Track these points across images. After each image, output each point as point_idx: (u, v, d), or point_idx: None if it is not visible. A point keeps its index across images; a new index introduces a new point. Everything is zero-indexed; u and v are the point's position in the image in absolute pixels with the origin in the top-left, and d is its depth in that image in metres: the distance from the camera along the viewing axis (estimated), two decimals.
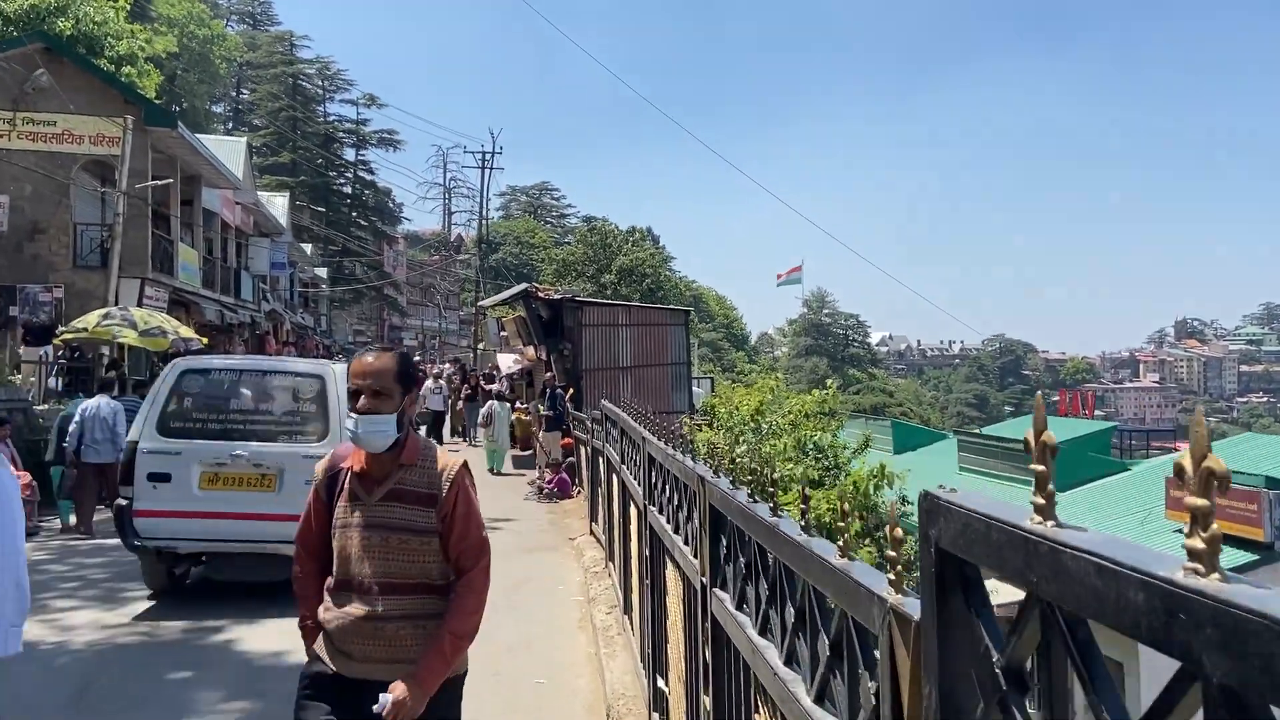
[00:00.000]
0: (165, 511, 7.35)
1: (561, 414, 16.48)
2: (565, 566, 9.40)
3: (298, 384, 7.95)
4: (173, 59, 55.92)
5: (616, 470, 6.51)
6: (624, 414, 5.88)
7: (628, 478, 5.56)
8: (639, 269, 45.02)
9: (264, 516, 7.26)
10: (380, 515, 2.85)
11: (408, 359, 3.01)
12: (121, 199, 19.71)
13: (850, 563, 1.57)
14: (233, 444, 7.44)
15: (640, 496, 4.75)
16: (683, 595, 3.38)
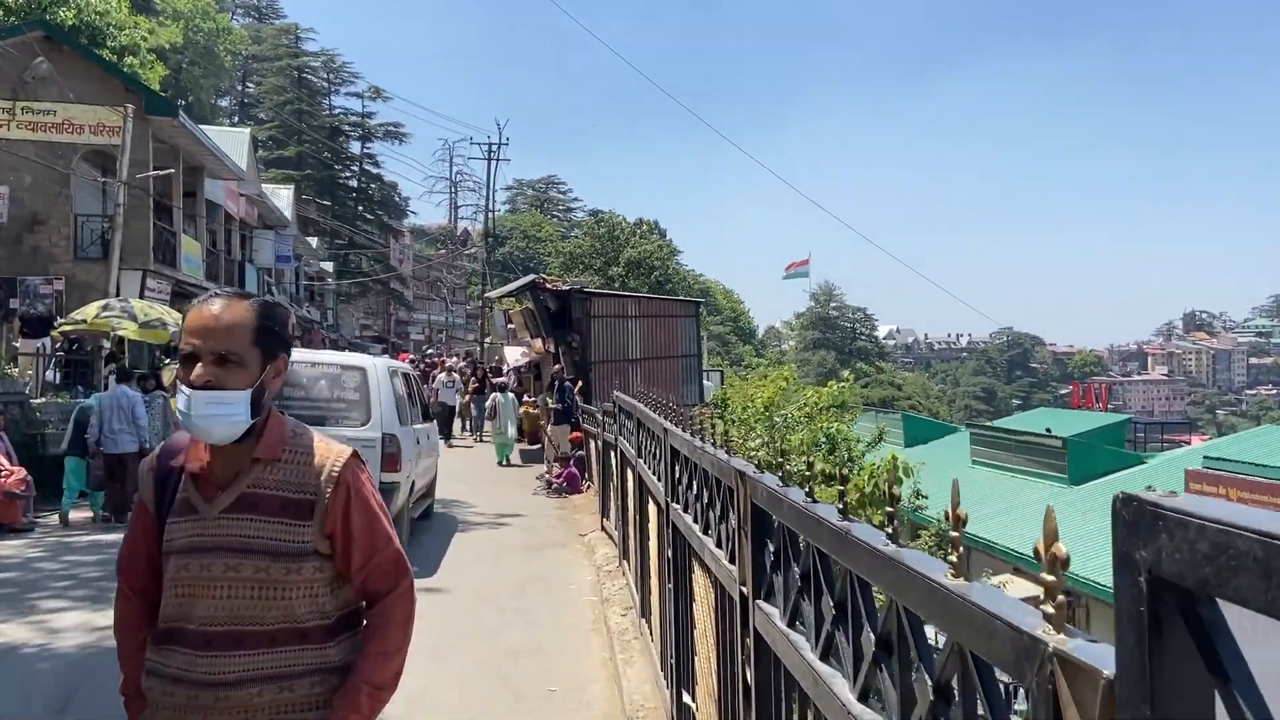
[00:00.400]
0: None
1: (570, 407, 16.13)
2: (576, 564, 9.05)
3: (341, 374, 8.93)
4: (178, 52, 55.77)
5: (632, 464, 6.15)
6: (641, 405, 5.52)
7: (645, 472, 5.20)
8: (647, 261, 44.61)
9: None
10: (226, 532, 1.99)
11: (273, 310, 2.08)
12: (122, 189, 19.40)
13: (969, 585, 1.21)
14: None
15: (661, 493, 4.39)
16: (715, 604, 3.02)
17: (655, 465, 4.77)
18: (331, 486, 2.04)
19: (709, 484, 3.14)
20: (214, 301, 2.01)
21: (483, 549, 9.72)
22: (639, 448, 5.66)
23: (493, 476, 16.37)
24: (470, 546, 9.85)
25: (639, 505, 5.74)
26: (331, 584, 2.06)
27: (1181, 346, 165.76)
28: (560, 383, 16.63)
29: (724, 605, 2.84)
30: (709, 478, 3.13)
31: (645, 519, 5.45)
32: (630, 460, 6.39)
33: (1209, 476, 18.64)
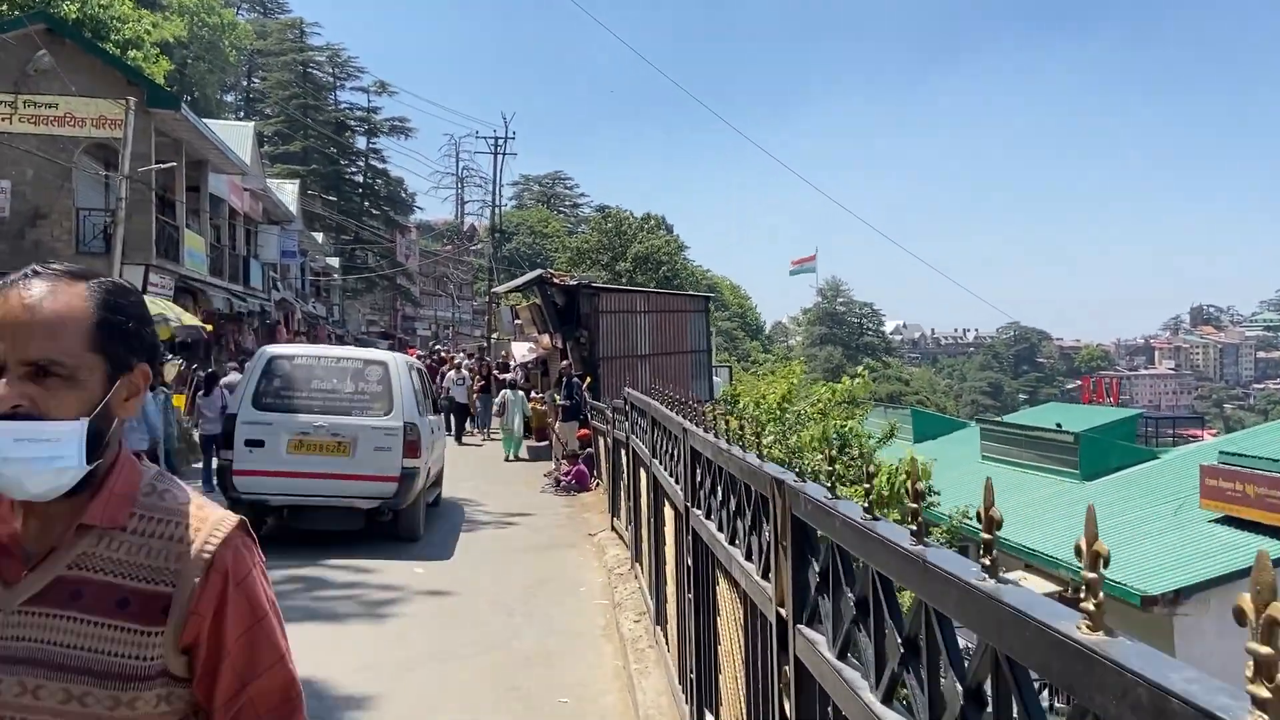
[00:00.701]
0: (259, 471, 8.92)
1: (579, 403, 15.89)
2: (586, 566, 8.81)
3: (364, 368, 9.60)
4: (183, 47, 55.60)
5: (646, 465, 5.90)
6: (656, 402, 5.27)
7: (661, 474, 4.95)
8: (654, 256, 44.33)
9: (341, 476, 8.92)
10: (27, 636, 1.28)
11: (124, 299, 1.38)
12: (124, 183, 19.19)
13: (1115, 641, 0.94)
14: (314, 417, 9.07)
15: (680, 497, 4.14)
16: (744, 622, 2.76)
17: (673, 467, 4.52)
18: (201, 573, 1.32)
19: (737, 490, 2.89)
20: (30, 285, 1.28)
21: (490, 549, 9.49)
22: (654, 447, 5.41)
23: (501, 475, 16.13)
24: (477, 546, 9.62)
25: (654, 507, 5.49)
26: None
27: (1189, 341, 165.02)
28: (568, 379, 16.39)
29: (756, 625, 2.58)
30: (737, 484, 2.87)
31: (661, 522, 5.20)
32: (644, 460, 6.15)
33: (1225, 472, 18.34)
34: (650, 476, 5.60)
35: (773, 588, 2.33)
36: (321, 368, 9.62)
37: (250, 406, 9.12)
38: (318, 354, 10.37)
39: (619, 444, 9.66)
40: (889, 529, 1.59)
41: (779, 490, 2.26)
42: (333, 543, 8.94)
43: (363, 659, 5.78)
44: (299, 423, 9.03)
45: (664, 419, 4.83)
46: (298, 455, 8.96)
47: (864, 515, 1.68)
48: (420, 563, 8.66)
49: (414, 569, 8.38)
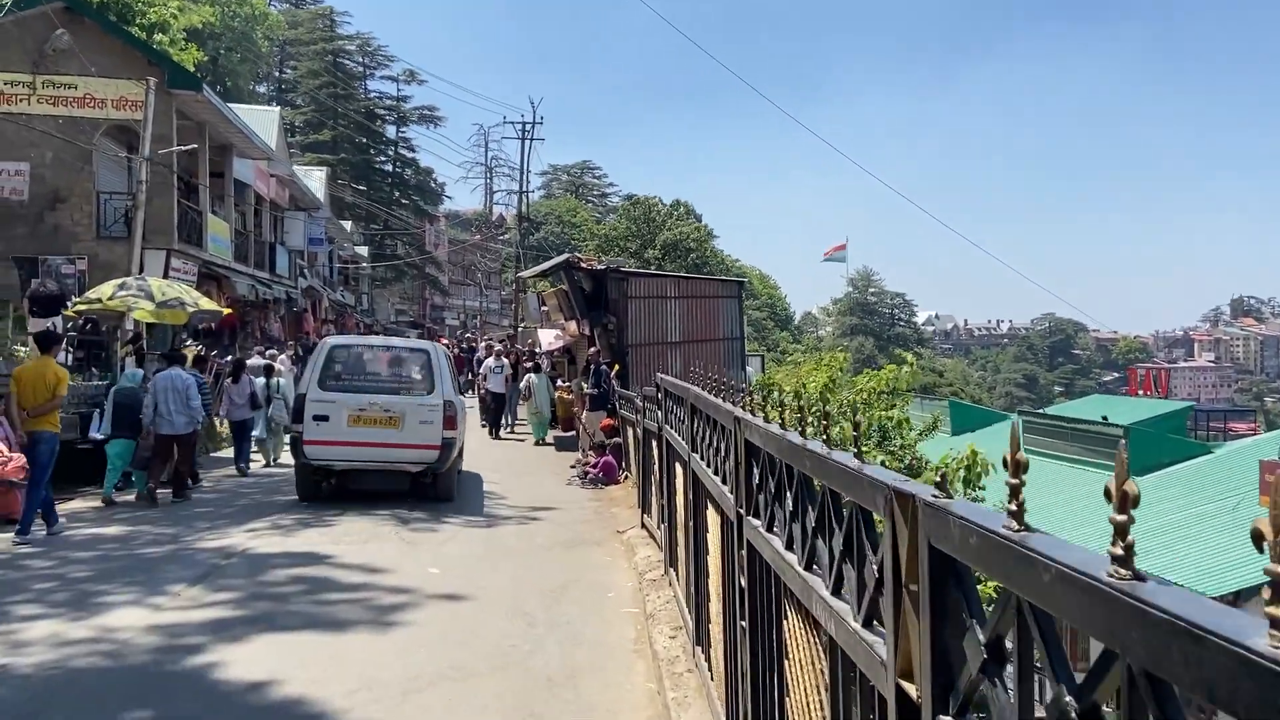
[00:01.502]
0: (325, 441, 10.57)
1: (606, 392, 15.19)
2: (614, 567, 8.11)
3: (411, 355, 11.55)
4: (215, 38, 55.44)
5: (683, 459, 5.18)
6: (697, 388, 4.55)
7: (704, 471, 4.23)
8: (683, 243, 43.48)
9: (392, 445, 10.64)
10: None
11: None
12: (144, 165, 18.69)
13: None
14: (369, 396, 10.80)
15: (729, 502, 3.42)
16: (832, 683, 2.04)
17: (719, 463, 3.80)
18: None
19: (819, 501, 2.16)
20: None
21: (513, 546, 8.82)
22: (693, 440, 4.69)
23: (525, 466, 15.48)
24: (499, 543, 8.96)
25: (693, 508, 4.77)
26: None
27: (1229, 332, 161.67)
28: (596, 367, 15.69)
29: (856, 694, 1.86)
30: (820, 492, 2.15)
31: (701, 526, 4.49)
32: (680, 454, 5.44)
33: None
34: (689, 473, 4.88)
35: (888, 648, 1.61)
36: (373, 355, 11.58)
37: (317, 388, 10.82)
38: (370, 343, 12.33)
39: (650, 435, 8.95)
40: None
41: (902, 507, 1.54)
42: (381, 500, 10.76)
43: (363, 677, 5.12)
44: (357, 401, 10.76)
45: (709, 407, 4.10)
46: (356, 428, 10.66)
47: (1123, 573, 0.95)
48: (435, 563, 8.02)
49: (428, 569, 7.72)
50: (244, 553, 8.22)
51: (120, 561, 7.95)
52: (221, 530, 9.26)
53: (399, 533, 9.20)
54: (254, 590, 6.94)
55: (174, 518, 10.18)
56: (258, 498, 11.58)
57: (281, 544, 8.55)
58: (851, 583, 1.88)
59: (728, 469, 3.54)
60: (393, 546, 8.58)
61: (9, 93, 19.77)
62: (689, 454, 4.84)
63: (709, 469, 4.08)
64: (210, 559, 7.97)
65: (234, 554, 8.16)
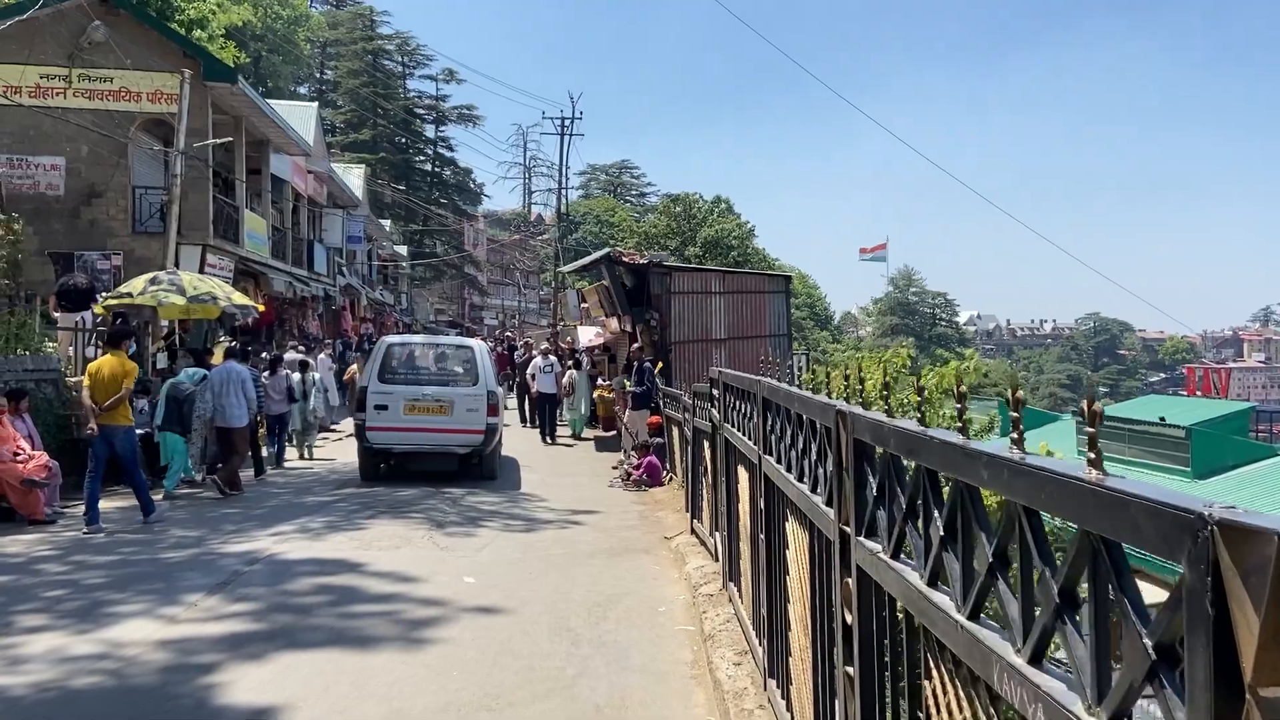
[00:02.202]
0: (385, 427, 11.98)
1: (650, 390, 14.59)
2: (664, 578, 7.49)
3: (458, 352, 13.19)
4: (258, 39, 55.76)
5: (751, 461, 4.55)
6: (772, 380, 3.92)
7: (781, 477, 3.60)
8: (724, 241, 42.72)
9: (442, 430, 12.06)
10: None
11: None
12: (179, 159, 18.38)
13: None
14: (422, 388, 12.26)
15: (826, 515, 2.78)
16: None
17: (807, 468, 3.17)
18: None
19: (1012, 531, 1.53)
20: None
21: (553, 554, 8.23)
22: (765, 440, 4.06)
23: (566, 466, 14.92)
24: (538, 551, 8.38)
25: (763, 519, 4.14)
26: None
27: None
28: (639, 364, 15.09)
29: None
30: (1012, 517, 1.52)
31: (778, 540, 3.85)
32: (744, 455, 4.81)
33: None
34: (758, 477, 4.24)
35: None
36: (425, 351, 13.16)
37: (377, 381, 12.23)
38: (422, 341, 14.23)
39: (701, 435, 8.32)
40: None
41: (1212, 538, 0.90)
42: (432, 479, 12.15)
43: (391, 706, 4.54)
44: (412, 392, 12.22)
45: (791, 401, 3.46)
46: (412, 415, 12.09)
47: None
48: (471, 571, 7.45)
49: (463, 578, 7.16)
50: (269, 558, 7.72)
51: (139, 567, 7.48)
52: (248, 534, 8.78)
53: (433, 538, 8.65)
54: (276, 600, 6.41)
55: (201, 519, 9.73)
56: (288, 498, 11.12)
57: (308, 549, 8.04)
58: (1083, 657, 1.24)
59: (822, 475, 2.90)
60: (426, 553, 8.03)
61: (45, 86, 19.58)
62: (758, 456, 4.21)
63: (790, 474, 3.45)
64: (233, 565, 7.47)
65: (258, 560, 7.65)
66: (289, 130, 25.34)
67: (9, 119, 19.03)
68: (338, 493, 11.49)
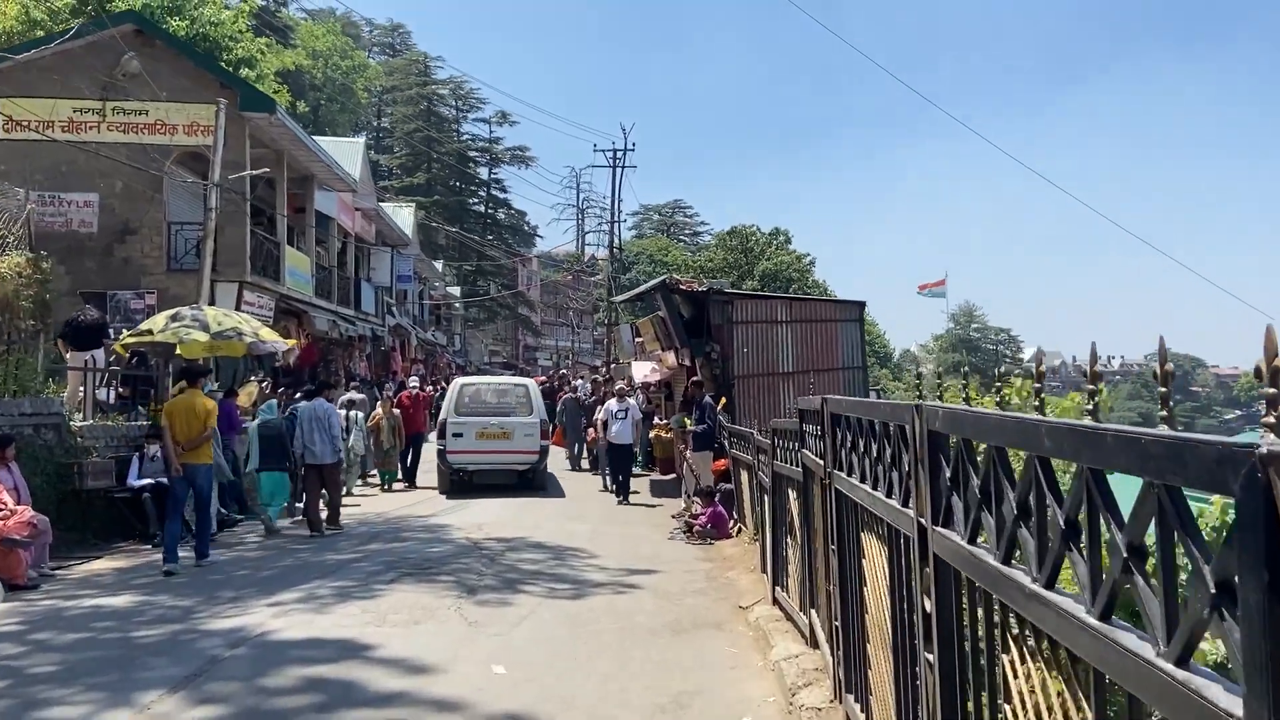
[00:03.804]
0: (461, 451, 14.76)
1: (713, 429, 13.07)
2: (745, 666, 5.93)
3: (515, 389, 16.19)
4: (317, 90, 56.23)
5: (893, 529, 3.04)
6: (956, 407, 2.43)
7: (975, 561, 2.08)
8: (783, 273, 41.17)
9: (506, 452, 14.84)
10: None
11: None
12: (214, 191, 17.49)
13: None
14: (489, 419, 14.99)
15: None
16: None
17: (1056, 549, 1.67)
18: None
19: None
20: None
21: (605, 630, 6.72)
22: (935, 499, 2.55)
23: (619, 514, 13.43)
24: (587, 625, 6.87)
25: (935, 626, 2.61)
26: None
27: None
28: (699, 400, 13.59)
29: None
30: None
31: (966, 663, 2.32)
32: (877, 519, 3.30)
33: None
34: (910, 555, 2.73)
35: None
36: (490, 389, 16.25)
37: (454, 414, 15.02)
38: (487, 381, 17.62)
39: (785, 481, 6.80)
40: None
41: None
42: (497, 491, 14.67)
43: None
44: (482, 422, 14.93)
45: (1024, 436, 1.96)
46: (481, 440, 14.79)
47: None
48: (502, 657, 5.97)
49: (492, 668, 5.68)
50: (258, 638, 6.32)
51: (102, 649, 6.15)
52: (244, 603, 7.41)
53: (461, 609, 7.19)
54: (249, 703, 5.00)
55: (200, 583, 8.41)
56: (305, 556, 9.78)
57: (309, 625, 6.63)
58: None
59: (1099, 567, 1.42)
60: (450, 629, 6.58)
61: (78, 120, 18.92)
62: (915, 524, 2.69)
63: (1029, 570, 1.94)
64: (213, 648, 6.09)
65: (245, 640, 6.27)
66: (333, 165, 24.54)
67: (41, 154, 18.34)
68: (362, 549, 10.12)
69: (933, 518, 2.46)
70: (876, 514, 3.27)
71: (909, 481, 2.78)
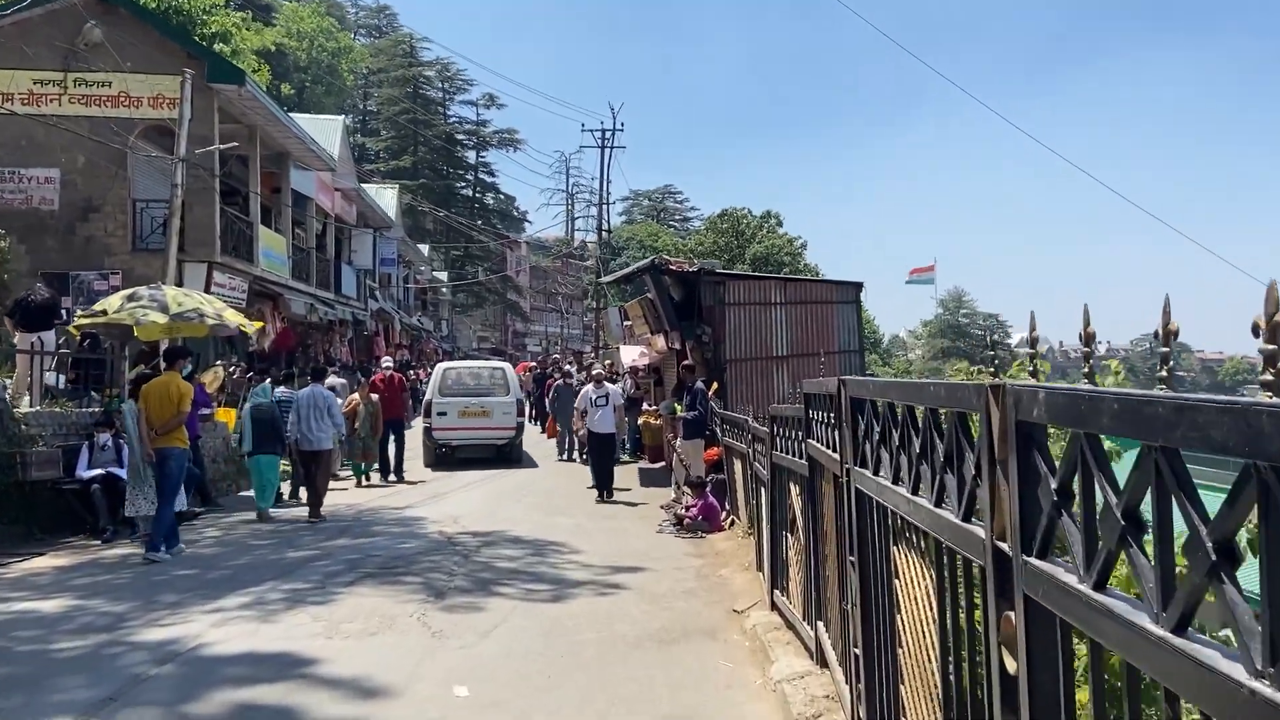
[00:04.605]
0: (445, 428, 16.37)
1: (704, 416, 12.36)
2: (742, 685, 5.21)
3: (493, 372, 17.85)
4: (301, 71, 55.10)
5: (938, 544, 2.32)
6: (1071, 389, 1.73)
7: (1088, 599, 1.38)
8: (775, 257, 40.40)
9: (485, 428, 16.48)
10: None
11: None
12: (180, 167, 16.64)
13: None
14: (470, 399, 16.48)
15: None
16: None
17: None
18: None
19: None
20: None
21: (585, 641, 6.01)
22: (1029, 529, 1.84)
23: (603, 506, 12.71)
24: (565, 634, 6.16)
25: (1031, 696, 1.91)
26: None
27: None
28: (691, 385, 12.87)
29: None
30: None
31: None
32: (916, 529, 2.60)
33: None
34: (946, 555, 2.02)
35: None
36: (470, 372, 17.81)
37: (439, 394, 16.40)
38: (468, 365, 19.33)
39: (785, 474, 6.09)
40: None
41: None
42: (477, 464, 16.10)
43: None
44: (463, 401, 16.37)
45: None
46: (463, 418, 16.33)
47: None
48: (466, 674, 5.24)
49: (453, 690, 4.97)
50: (191, 652, 5.59)
51: (13, 665, 5.42)
52: (184, 609, 6.67)
53: (425, 616, 6.46)
54: None
55: (141, 585, 7.66)
56: (263, 553, 9.04)
57: (251, 637, 5.90)
58: None
59: None
60: (411, 642, 5.86)
61: (39, 93, 18.02)
62: (989, 548, 1.98)
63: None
64: (137, 665, 5.36)
65: (176, 655, 5.53)
66: (310, 142, 23.63)
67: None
68: (326, 545, 9.38)
69: (1024, 544, 1.74)
70: (917, 525, 2.56)
71: (974, 489, 2.06)
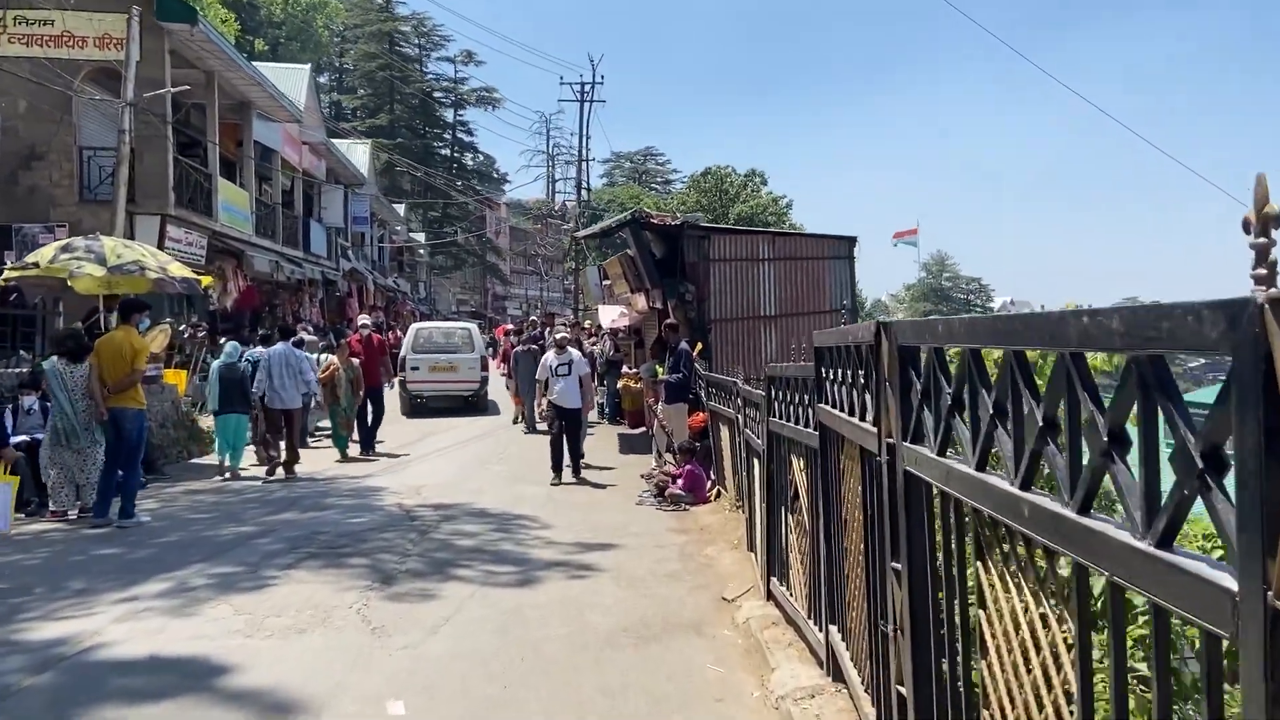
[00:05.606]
0: (418, 381, 18.20)
1: (688, 378, 11.49)
2: (735, 697, 4.36)
3: (460, 331, 19.60)
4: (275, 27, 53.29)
5: (1085, 552, 1.47)
6: None
7: None
8: (760, 216, 39.40)
9: (453, 381, 18.45)
10: None
11: None
12: (127, 111, 15.50)
13: None
14: (439, 355, 18.37)
15: None
16: None
17: None
18: None
19: None
20: None
21: (546, 638, 5.15)
22: None
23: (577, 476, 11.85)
24: (528, 627, 5.31)
25: None
26: None
27: None
28: (674, 346, 11.98)
29: None
30: None
31: None
32: (1028, 538, 1.73)
33: None
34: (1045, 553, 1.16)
35: None
36: (440, 331, 19.48)
37: (412, 351, 18.20)
38: (438, 325, 20.88)
39: (784, 444, 5.23)
40: None
41: None
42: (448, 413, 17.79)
43: None
44: (434, 358, 18.22)
45: None
46: (433, 373, 18.19)
47: None
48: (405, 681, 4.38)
49: (387, 706, 4.10)
50: (80, 655, 4.70)
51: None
52: (90, 597, 5.77)
53: (366, 607, 5.58)
54: None
55: (56, 565, 6.76)
56: (199, 529, 8.12)
57: (156, 635, 5.01)
58: None
59: None
60: (345, 640, 4.98)
61: None
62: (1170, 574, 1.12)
63: None
64: (10, 672, 4.47)
65: (61, 659, 4.64)
66: (273, 91, 22.39)
67: None
68: (271, 519, 8.48)
69: None
70: (1033, 537, 1.68)
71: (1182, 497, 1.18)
